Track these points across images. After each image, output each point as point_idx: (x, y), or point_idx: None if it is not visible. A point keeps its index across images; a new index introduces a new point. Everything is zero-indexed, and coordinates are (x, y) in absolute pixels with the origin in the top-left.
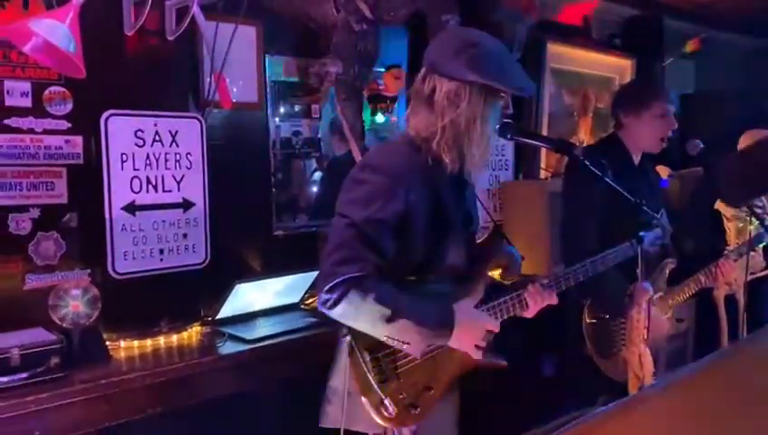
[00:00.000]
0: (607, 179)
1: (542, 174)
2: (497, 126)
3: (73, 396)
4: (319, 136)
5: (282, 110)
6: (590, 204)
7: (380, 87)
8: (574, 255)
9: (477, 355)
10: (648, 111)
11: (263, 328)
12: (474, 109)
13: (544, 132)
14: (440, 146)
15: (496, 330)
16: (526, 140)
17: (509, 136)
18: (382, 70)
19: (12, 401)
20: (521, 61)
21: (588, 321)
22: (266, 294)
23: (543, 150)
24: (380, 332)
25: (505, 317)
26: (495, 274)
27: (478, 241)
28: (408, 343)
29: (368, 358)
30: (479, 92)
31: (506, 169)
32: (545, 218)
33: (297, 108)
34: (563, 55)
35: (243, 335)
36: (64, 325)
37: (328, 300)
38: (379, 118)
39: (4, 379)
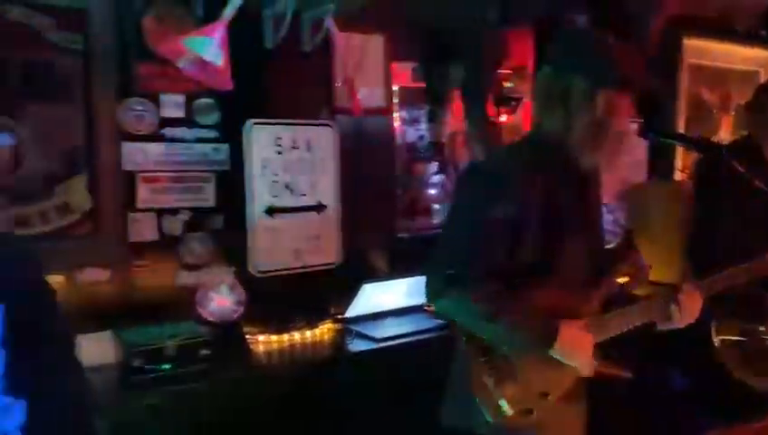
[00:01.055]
0: (758, 183)
1: (678, 175)
2: (632, 124)
3: (219, 386)
4: (442, 140)
5: (407, 114)
6: (725, 210)
7: (507, 89)
8: (704, 264)
9: (587, 370)
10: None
11: (390, 327)
12: (610, 105)
13: (681, 131)
14: (575, 145)
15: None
16: (668, 140)
17: (649, 135)
18: (508, 72)
19: (166, 389)
20: (655, 57)
21: (724, 337)
22: (392, 294)
23: (680, 149)
24: (481, 330)
25: (635, 326)
26: (621, 281)
27: (607, 247)
28: (506, 345)
29: (483, 359)
30: (614, 89)
31: (638, 170)
32: (680, 224)
33: (422, 112)
34: (701, 50)
35: (370, 334)
36: (211, 320)
37: (431, 294)
38: (504, 119)
39: (161, 367)
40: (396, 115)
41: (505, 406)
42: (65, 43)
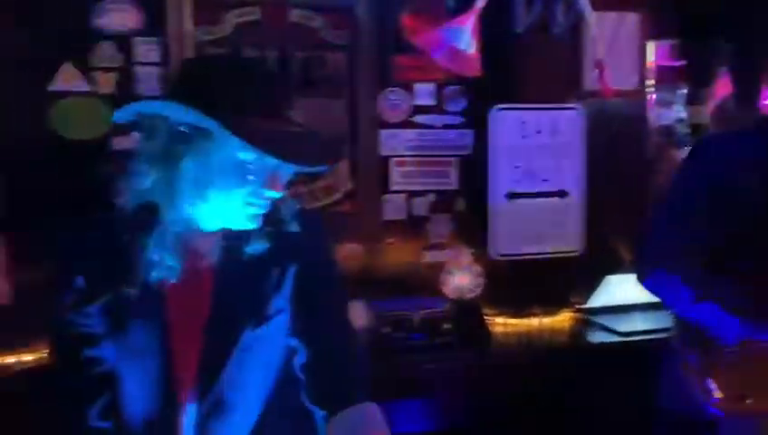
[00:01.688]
0: None
1: None
2: None
3: (459, 360)
4: (704, 123)
5: (664, 96)
6: None
7: None
8: None
9: None
10: None
11: (635, 322)
12: None
13: None
14: None
15: None
16: None
17: None
18: None
19: (409, 356)
20: None
21: None
22: (638, 288)
23: None
24: (686, 312)
25: None
26: None
27: None
28: (713, 329)
29: (693, 342)
30: None
31: None
32: None
33: (681, 94)
34: None
35: (614, 327)
36: (452, 297)
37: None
38: None
39: (407, 336)
40: (650, 97)
41: (716, 390)
42: (335, 40)
